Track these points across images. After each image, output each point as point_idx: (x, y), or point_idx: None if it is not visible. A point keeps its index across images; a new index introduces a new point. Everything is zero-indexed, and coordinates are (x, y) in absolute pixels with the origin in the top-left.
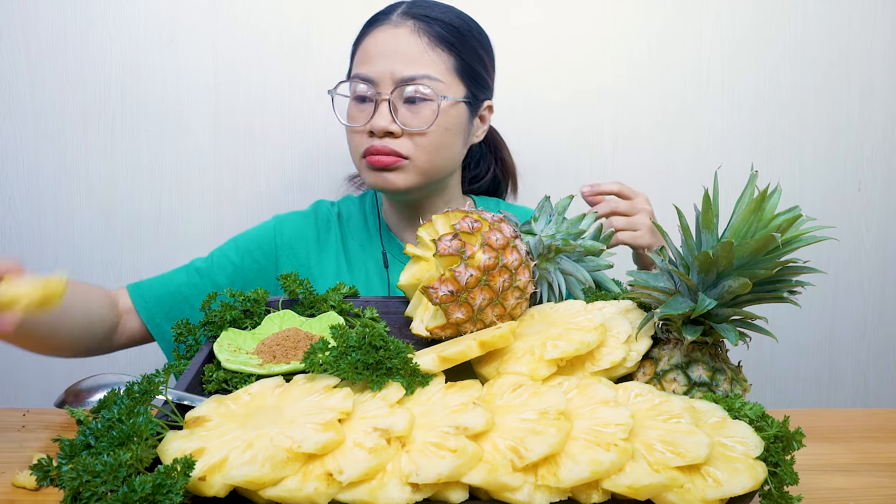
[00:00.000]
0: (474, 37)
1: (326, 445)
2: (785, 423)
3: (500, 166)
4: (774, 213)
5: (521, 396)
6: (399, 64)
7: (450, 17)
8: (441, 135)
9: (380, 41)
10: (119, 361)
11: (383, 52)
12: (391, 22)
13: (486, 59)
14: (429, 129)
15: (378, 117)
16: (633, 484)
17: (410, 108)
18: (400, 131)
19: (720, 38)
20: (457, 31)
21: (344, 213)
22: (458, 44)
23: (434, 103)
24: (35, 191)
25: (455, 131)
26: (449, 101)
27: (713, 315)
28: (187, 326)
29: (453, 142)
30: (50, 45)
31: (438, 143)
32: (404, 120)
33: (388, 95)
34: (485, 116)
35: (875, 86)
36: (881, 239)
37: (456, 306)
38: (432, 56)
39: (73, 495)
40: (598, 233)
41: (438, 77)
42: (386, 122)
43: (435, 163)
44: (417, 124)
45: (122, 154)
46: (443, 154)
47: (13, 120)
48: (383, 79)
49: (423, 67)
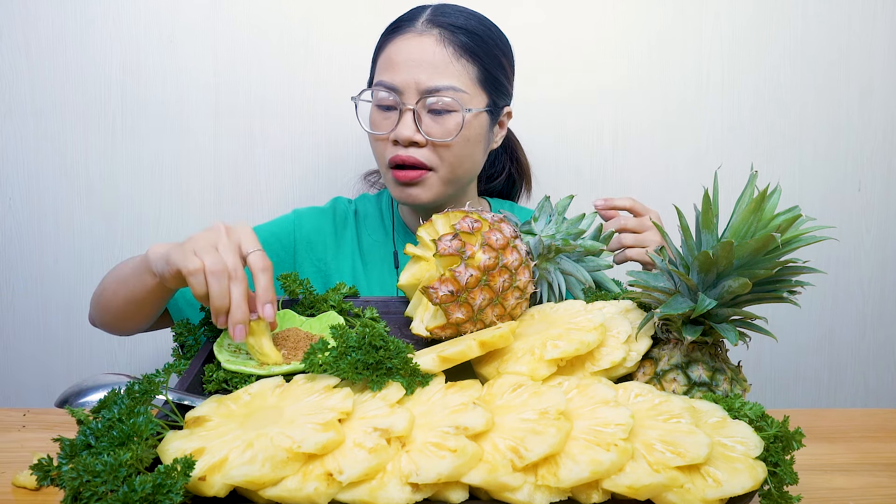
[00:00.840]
0: (497, 44)
1: (326, 445)
2: (785, 423)
3: (515, 166)
4: (774, 213)
5: (521, 396)
6: (424, 74)
7: (474, 26)
8: (464, 146)
9: (404, 49)
10: (119, 361)
11: (408, 61)
12: (416, 30)
13: (506, 66)
14: (453, 141)
15: (402, 127)
16: (633, 484)
17: (435, 118)
18: (424, 141)
19: (720, 38)
20: (481, 39)
21: (361, 211)
22: (481, 53)
23: (458, 115)
24: (35, 191)
25: (477, 141)
26: (473, 112)
27: (713, 315)
28: (187, 326)
29: (475, 151)
30: (50, 45)
31: (462, 154)
32: (428, 130)
33: (412, 105)
34: (503, 122)
35: (875, 86)
36: (881, 239)
37: (456, 306)
38: (457, 67)
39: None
40: (598, 233)
41: (463, 88)
42: (410, 132)
43: (457, 173)
44: (441, 135)
45: (122, 154)
46: (465, 164)
47: (13, 120)
48: (408, 88)
49: (448, 78)
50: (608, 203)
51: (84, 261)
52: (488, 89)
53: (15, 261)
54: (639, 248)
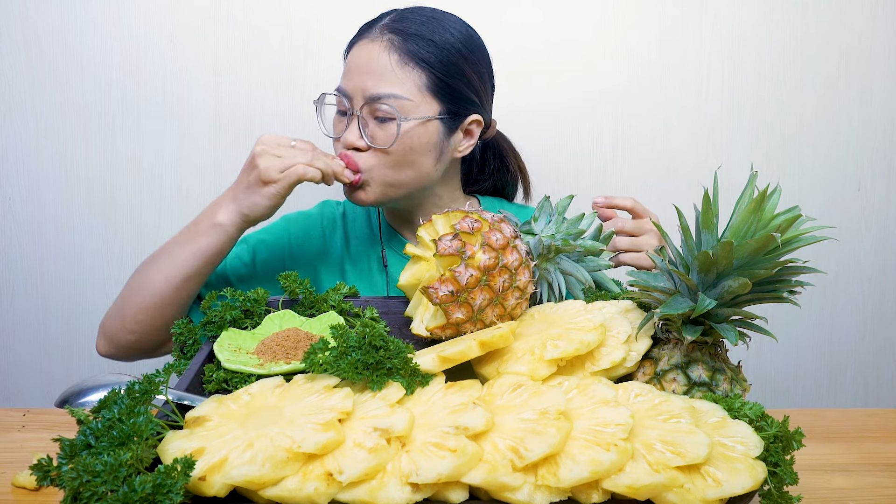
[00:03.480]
0: (459, 52)
1: (326, 445)
2: (785, 423)
3: (503, 173)
4: (774, 213)
5: (521, 396)
6: (369, 81)
7: (429, 33)
8: (405, 153)
9: (357, 55)
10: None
11: (358, 67)
12: (370, 36)
13: (470, 74)
14: (391, 148)
15: (348, 132)
16: (633, 484)
17: (379, 124)
18: (366, 146)
19: (720, 39)
20: (435, 46)
21: (349, 213)
22: (433, 61)
23: (396, 123)
24: (35, 191)
25: (423, 150)
26: (413, 121)
27: (713, 315)
28: (187, 326)
29: (419, 160)
30: (50, 45)
31: (401, 161)
32: (373, 135)
33: (358, 111)
34: (472, 131)
35: (875, 86)
36: (881, 239)
37: (456, 306)
38: (400, 74)
39: (73, 495)
40: (598, 233)
41: (406, 95)
42: (354, 138)
43: (398, 178)
44: (383, 141)
45: (122, 154)
46: (406, 171)
47: (13, 120)
48: (356, 94)
49: (390, 86)
50: (608, 201)
51: (84, 261)
52: (441, 97)
53: (15, 261)
54: (633, 253)
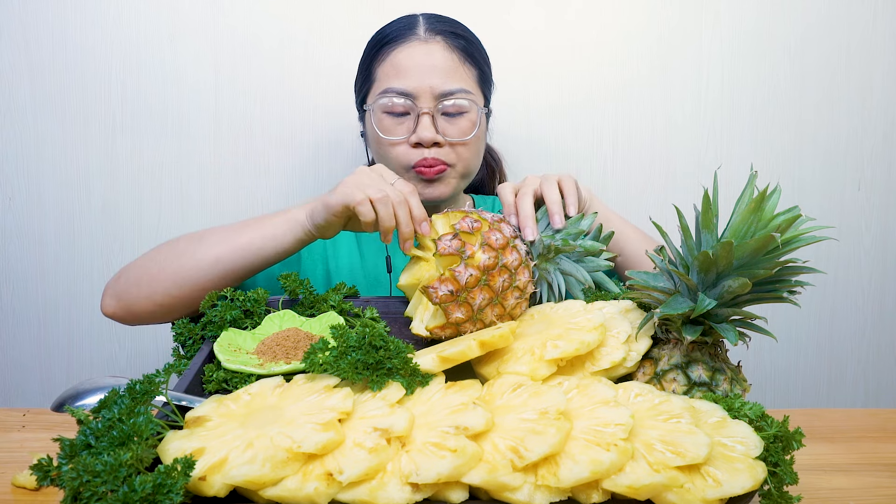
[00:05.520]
0: (482, 49)
1: (326, 445)
2: (785, 423)
3: (486, 164)
4: (774, 213)
5: (521, 396)
6: (437, 79)
7: (465, 31)
8: (476, 143)
9: (410, 56)
10: (119, 361)
11: (420, 67)
12: (420, 38)
13: (489, 67)
14: (469, 139)
15: (423, 129)
16: (633, 484)
17: (448, 119)
18: (444, 142)
19: (720, 39)
20: (473, 45)
21: None
22: (477, 56)
23: (471, 114)
24: (35, 191)
25: (483, 138)
26: (481, 113)
27: (713, 315)
28: (187, 326)
29: (482, 148)
30: (50, 45)
31: (476, 151)
32: (444, 131)
33: (428, 109)
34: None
35: (875, 85)
36: (881, 239)
37: (456, 306)
38: (464, 70)
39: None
40: (598, 233)
41: (471, 89)
42: (432, 134)
43: (470, 169)
44: (457, 135)
45: (122, 154)
46: (476, 161)
47: (13, 120)
48: (423, 93)
49: (459, 81)
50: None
51: (84, 261)
52: (485, 89)
53: (15, 261)
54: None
